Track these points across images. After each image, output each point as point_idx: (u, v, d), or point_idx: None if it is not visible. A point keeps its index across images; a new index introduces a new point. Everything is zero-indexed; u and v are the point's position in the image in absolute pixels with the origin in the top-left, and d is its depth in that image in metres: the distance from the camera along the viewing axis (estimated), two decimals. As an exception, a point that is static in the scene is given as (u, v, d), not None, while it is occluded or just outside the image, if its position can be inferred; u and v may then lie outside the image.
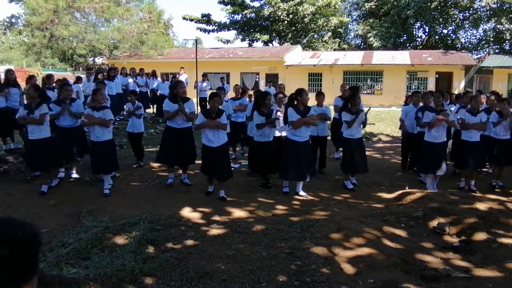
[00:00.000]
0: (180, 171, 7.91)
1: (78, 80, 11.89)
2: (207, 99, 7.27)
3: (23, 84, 9.70)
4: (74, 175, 7.85)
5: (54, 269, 3.98)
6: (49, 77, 10.11)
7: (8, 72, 9.15)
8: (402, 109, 9.51)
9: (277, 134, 7.73)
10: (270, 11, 34.24)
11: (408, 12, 32.26)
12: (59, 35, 27.59)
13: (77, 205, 6.32)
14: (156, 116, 15.52)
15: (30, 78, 9.15)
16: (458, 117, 8.10)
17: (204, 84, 17.17)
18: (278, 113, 7.55)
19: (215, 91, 7.85)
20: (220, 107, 7.10)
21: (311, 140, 7.68)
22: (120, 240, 4.82)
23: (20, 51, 29.94)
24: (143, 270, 3.97)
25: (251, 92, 10.94)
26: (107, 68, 16.37)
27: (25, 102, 7.60)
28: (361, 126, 7.47)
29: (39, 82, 10.49)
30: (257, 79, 28.32)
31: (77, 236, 4.95)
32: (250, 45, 37.12)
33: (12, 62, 28.80)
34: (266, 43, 36.75)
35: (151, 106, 16.41)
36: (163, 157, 7.57)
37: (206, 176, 7.05)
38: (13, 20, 34.10)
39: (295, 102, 6.81)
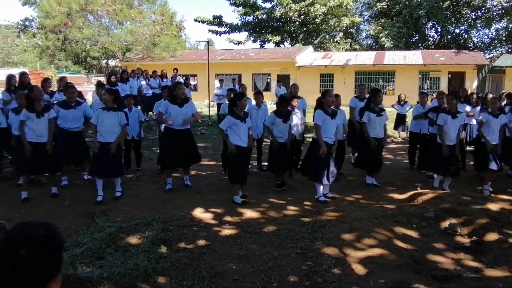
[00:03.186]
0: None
1: (100, 86, 11.47)
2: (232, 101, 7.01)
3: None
4: (87, 176, 7.94)
5: (69, 268, 4.05)
6: (62, 80, 10.24)
7: (23, 75, 9.24)
8: (414, 108, 9.51)
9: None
10: (281, 12, 34.23)
11: (420, 12, 32.05)
12: (73, 37, 27.90)
13: (91, 206, 6.42)
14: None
15: (45, 81, 9.24)
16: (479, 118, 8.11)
17: (223, 87, 16.92)
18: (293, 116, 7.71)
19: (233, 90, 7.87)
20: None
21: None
22: (133, 240, 4.88)
23: (34, 53, 30.26)
24: (156, 269, 4.02)
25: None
26: (120, 71, 16.50)
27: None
28: (383, 126, 7.47)
29: (54, 84, 10.61)
30: (268, 80, 28.34)
31: (92, 236, 5.03)
32: (261, 46, 37.14)
33: (26, 65, 29.18)
34: (277, 44, 36.73)
35: None
36: (165, 159, 7.51)
37: (240, 183, 6.69)
38: (27, 23, 34.41)
39: (323, 104, 6.78)
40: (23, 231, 1.35)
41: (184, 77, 17.90)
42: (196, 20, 36.51)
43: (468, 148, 10.47)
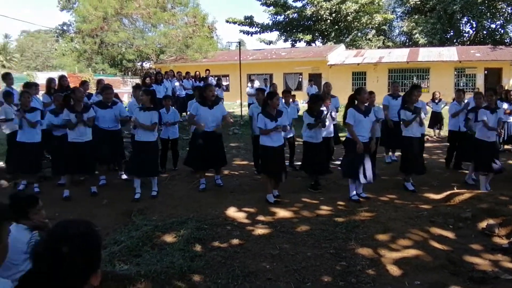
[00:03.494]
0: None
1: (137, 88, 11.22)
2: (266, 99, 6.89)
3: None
4: (124, 175, 8.14)
5: (107, 265, 4.18)
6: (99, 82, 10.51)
7: (62, 79, 9.56)
8: (450, 106, 9.28)
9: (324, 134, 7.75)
10: (312, 10, 34.07)
11: (454, 7, 31.27)
12: (109, 41, 28.55)
13: (128, 205, 6.59)
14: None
15: (83, 84, 9.50)
16: None
17: (256, 84, 16.98)
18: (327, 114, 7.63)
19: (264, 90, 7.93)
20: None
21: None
22: (169, 238, 4.99)
23: (72, 57, 31.09)
24: (191, 267, 4.10)
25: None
26: (154, 72, 16.79)
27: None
28: (421, 124, 7.25)
29: (91, 87, 10.84)
30: (300, 80, 28.27)
31: (129, 234, 5.17)
32: (292, 45, 37.06)
33: (64, 68, 29.99)
34: (309, 43, 36.56)
35: None
36: (191, 160, 7.61)
37: (272, 179, 6.72)
38: (65, 28, 35.52)
39: (356, 102, 6.66)
40: (64, 229, 1.42)
41: (216, 78, 18.06)
42: (227, 21, 36.77)
43: (505, 146, 10.18)
